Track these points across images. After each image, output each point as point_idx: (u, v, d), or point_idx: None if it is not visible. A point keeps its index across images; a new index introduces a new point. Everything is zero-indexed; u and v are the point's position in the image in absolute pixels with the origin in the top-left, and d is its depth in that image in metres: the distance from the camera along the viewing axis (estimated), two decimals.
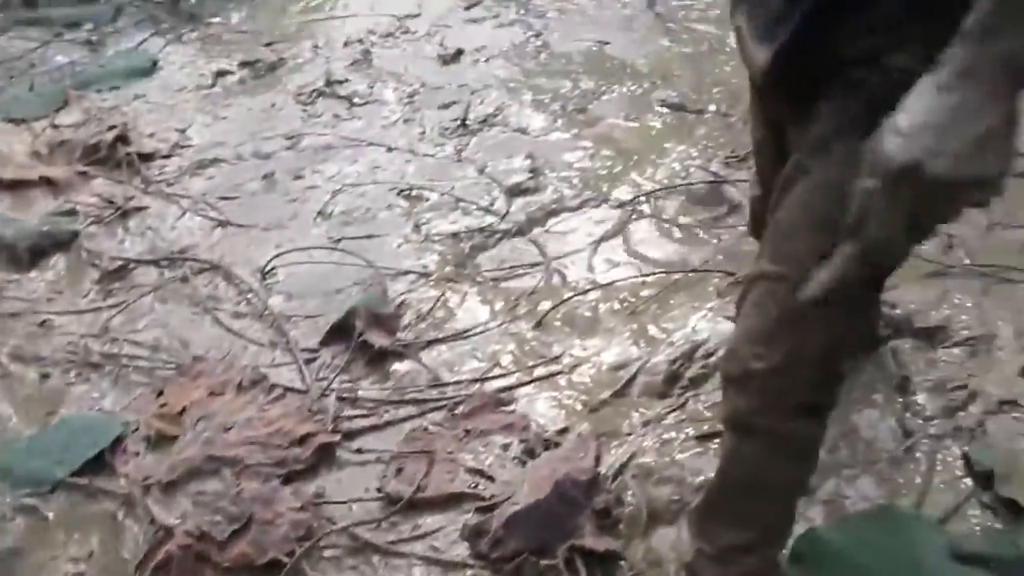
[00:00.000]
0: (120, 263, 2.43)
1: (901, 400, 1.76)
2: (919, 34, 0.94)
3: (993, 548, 1.36)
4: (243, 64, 3.52)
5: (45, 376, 2.07)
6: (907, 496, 1.58)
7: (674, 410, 1.82)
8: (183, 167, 2.88)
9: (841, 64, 1.03)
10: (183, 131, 3.08)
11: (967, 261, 2.09)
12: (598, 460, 1.68)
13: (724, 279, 2.14)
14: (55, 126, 3.05)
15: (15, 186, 2.75)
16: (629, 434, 1.78)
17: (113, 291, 2.34)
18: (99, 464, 1.81)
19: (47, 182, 2.77)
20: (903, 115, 0.84)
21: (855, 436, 1.69)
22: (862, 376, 1.79)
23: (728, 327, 1.97)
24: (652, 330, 2.03)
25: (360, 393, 1.97)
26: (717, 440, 1.72)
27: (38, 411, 1.97)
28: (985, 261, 2.08)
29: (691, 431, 1.75)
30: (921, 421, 1.71)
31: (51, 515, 1.73)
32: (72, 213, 2.62)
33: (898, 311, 1.93)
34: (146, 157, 2.91)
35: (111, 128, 2.97)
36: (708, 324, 2.00)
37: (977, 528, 1.50)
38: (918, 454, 1.65)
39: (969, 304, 1.96)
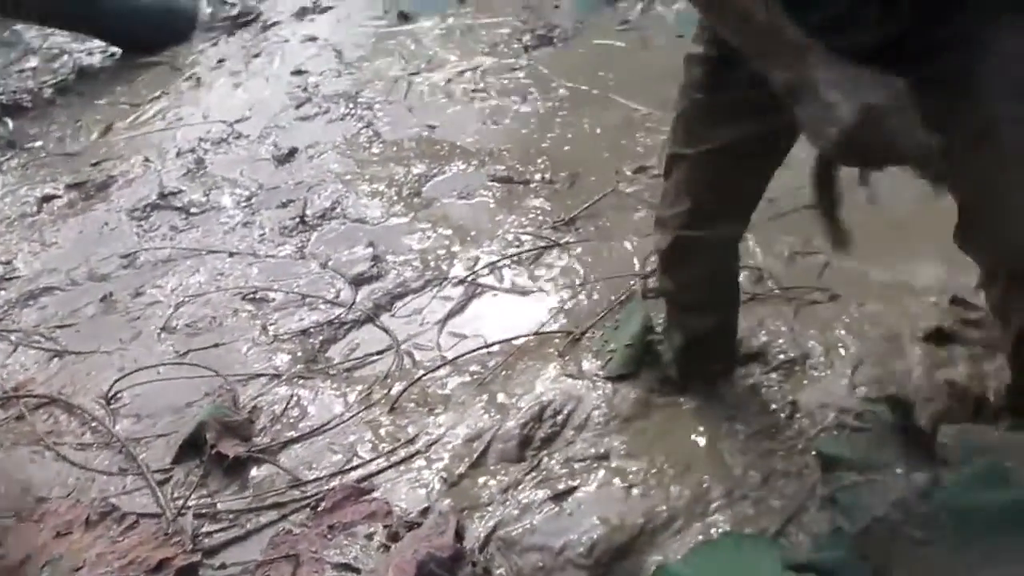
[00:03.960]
0: None
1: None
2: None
3: (820, 554, 1.48)
4: (70, 186, 3.46)
5: None
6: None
7: (529, 472, 1.88)
8: (11, 300, 2.78)
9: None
10: (8, 263, 2.98)
11: (776, 290, 2.28)
12: (459, 534, 1.72)
13: (564, 338, 2.25)
14: None
15: None
16: (489, 504, 1.82)
17: None
18: None
19: None
20: None
21: None
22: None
23: (570, 384, 2.08)
24: (501, 397, 2.10)
25: (219, 506, 1.94)
26: (571, 498, 1.80)
27: None
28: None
29: (548, 492, 1.82)
30: None
31: None
32: None
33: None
34: None
35: None
36: (552, 384, 2.09)
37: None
38: None
39: (783, 328, 2.14)
